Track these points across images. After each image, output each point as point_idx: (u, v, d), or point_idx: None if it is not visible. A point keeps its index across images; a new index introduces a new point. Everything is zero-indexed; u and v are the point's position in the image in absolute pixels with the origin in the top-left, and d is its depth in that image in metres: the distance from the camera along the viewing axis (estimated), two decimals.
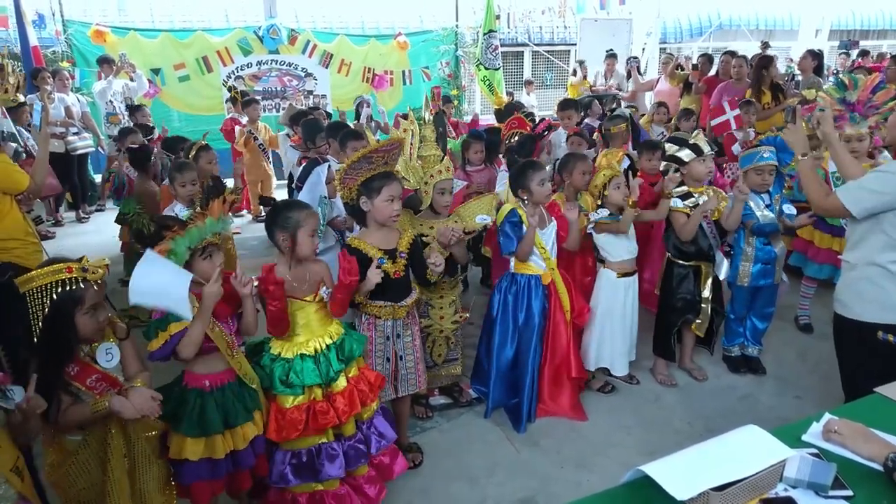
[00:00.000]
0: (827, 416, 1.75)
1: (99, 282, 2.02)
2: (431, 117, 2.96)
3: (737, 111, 5.39)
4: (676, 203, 3.36)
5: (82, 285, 1.96)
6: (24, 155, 5.45)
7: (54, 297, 1.92)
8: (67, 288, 1.94)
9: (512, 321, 3.26)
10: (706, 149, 3.34)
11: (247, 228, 7.06)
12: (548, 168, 3.96)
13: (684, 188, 3.39)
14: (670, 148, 3.42)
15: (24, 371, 1.88)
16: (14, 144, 5.14)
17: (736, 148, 5.11)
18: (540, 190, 3.14)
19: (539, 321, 3.23)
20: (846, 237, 2.66)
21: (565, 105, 5.73)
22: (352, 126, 5.33)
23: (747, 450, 1.55)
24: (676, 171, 3.44)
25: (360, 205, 2.69)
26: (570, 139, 4.93)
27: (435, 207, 3.07)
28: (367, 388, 2.54)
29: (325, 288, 2.52)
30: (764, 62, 6.38)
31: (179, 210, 3.62)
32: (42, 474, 2.09)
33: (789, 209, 3.59)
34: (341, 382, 2.47)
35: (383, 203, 2.61)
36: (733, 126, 5.40)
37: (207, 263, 2.25)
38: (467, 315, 3.31)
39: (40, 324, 1.92)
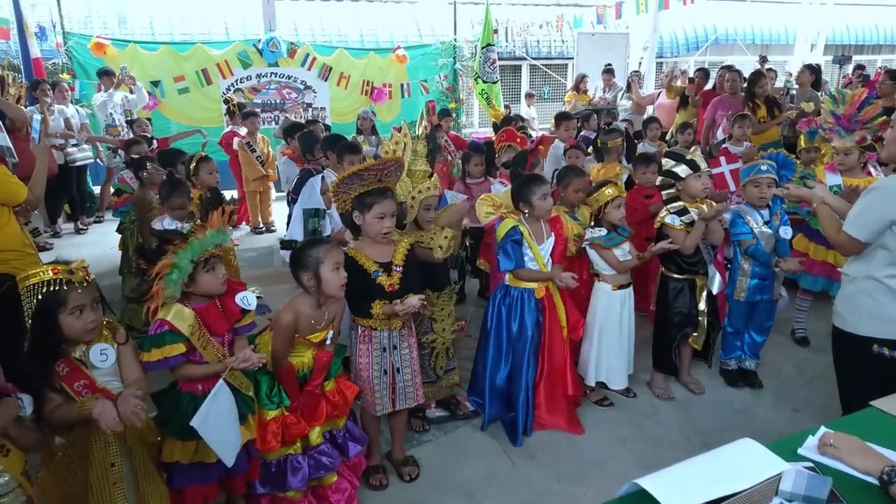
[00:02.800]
0: (823, 430, 1.75)
1: (85, 283, 2.02)
2: (425, 133, 2.97)
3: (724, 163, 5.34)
4: (674, 220, 3.37)
5: (66, 287, 1.97)
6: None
7: (39, 297, 1.94)
8: (51, 289, 1.95)
9: (505, 333, 3.26)
10: (703, 165, 3.36)
11: (245, 240, 7.06)
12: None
13: (680, 203, 3.40)
14: (667, 163, 3.44)
15: (24, 377, 1.90)
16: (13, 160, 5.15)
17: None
18: (541, 204, 3.15)
19: (532, 334, 3.21)
20: None
21: (562, 117, 5.76)
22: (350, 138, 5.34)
23: (743, 463, 1.55)
24: (672, 185, 3.45)
25: (353, 218, 2.70)
26: (569, 152, 4.95)
27: (419, 222, 3.07)
28: (340, 401, 2.57)
29: (330, 332, 2.53)
30: (753, 79, 6.44)
31: (167, 223, 3.62)
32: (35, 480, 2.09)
33: (786, 232, 3.57)
34: None
35: (373, 219, 2.62)
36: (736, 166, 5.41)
37: (210, 276, 2.27)
38: (463, 323, 3.31)
39: (30, 320, 1.95)
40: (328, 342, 2.54)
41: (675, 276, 3.51)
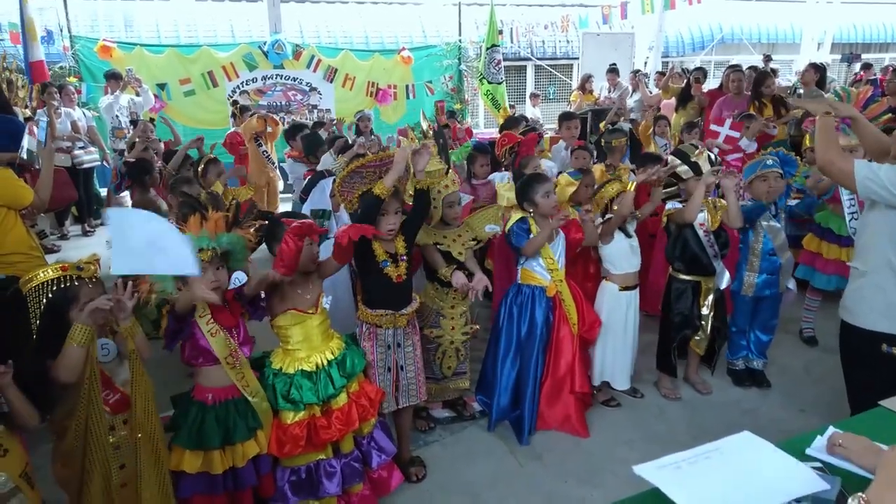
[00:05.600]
0: (831, 430, 1.73)
1: (94, 279, 2.04)
2: (431, 131, 2.97)
3: (727, 123, 5.36)
4: (674, 205, 3.37)
5: (76, 283, 1.98)
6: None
7: (49, 294, 1.96)
8: (62, 286, 1.97)
9: (516, 332, 3.26)
10: (706, 169, 3.34)
11: None
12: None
13: (680, 199, 3.40)
14: (672, 161, 3.43)
15: (29, 383, 1.90)
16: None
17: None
18: (545, 202, 3.15)
19: (542, 332, 3.22)
20: (855, 245, 2.64)
21: (566, 117, 5.74)
22: (350, 140, 5.34)
23: (767, 474, 1.50)
24: (674, 184, 3.44)
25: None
26: (575, 153, 4.94)
27: (445, 219, 3.08)
28: (367, 402, 2.53)
29: (325, 298, 2.52)
30: (760, 78, 6.40)
31: None
32: (50, 469, 2.14)
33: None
34: (342, 398, 2.46)
35: (377, 216, 2.62)
36: (735, 135, 5.40)
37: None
38: (478, 327, 3.29)
39: (38, 320, 1.96)
40: (326, 308, 2.54)
41: (682, 276, 3.50)
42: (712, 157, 3.41)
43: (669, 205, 3.38)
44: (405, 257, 2.72)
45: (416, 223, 2.80)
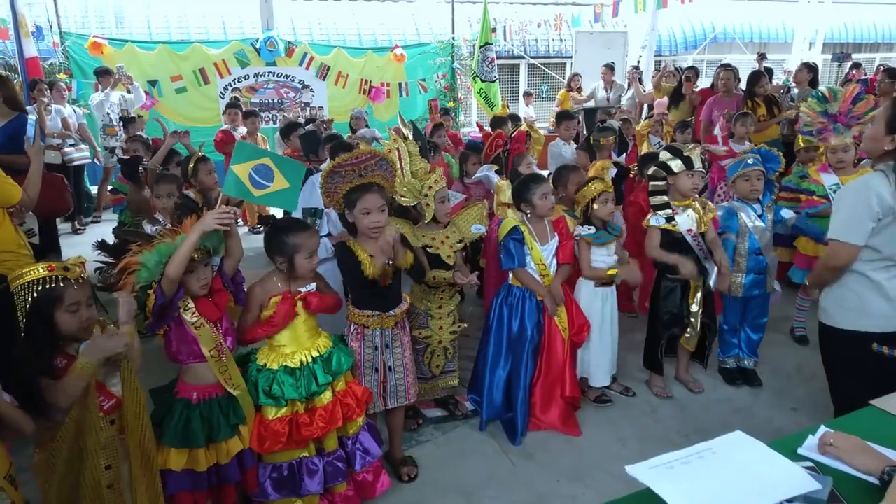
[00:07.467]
0: (823, 429, 1.74)
1: (80, 280, 2.02)
2: (411, 130, 2.98)
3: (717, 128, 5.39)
4: (658, 221, 3.34)
5: (62, 284, 1.97)
6: None
7: (35, 294, 1.94)
8: (47, 286, 1.95)
9: (506, 333, 3.25)
10: (697, 164, 3.33)
11: (243, 240, 7.01)
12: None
13: (664, 198, 3.38)
14: (664, 155, 3.42)
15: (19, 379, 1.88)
16: None
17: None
18: (542, 203, 3.14)
19: (532, 334, 3.20)
20: None
21: (563, 116, 5.75)
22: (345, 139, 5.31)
23: (759, 474, 1.50)
24: (664, 179, 3.43)
25: (346, 216, 2.71)
26: (578, 152, 4.95)
27: (437, 217, 3.07)
28: (353, 402, 2.52)
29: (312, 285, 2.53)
30: (753, 79, 6.41)
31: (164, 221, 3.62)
32: (29, 473, 2.10)
33: (787, 213, 3.62)
34: (326, 396, 2.45)
35: (359, 215, 2.62)
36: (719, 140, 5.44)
37: (188, 277, 2.22)
38: (465, 325, 3.29)
39: (23, 319, 1.94)
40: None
41: (669, 275, 3.49)
42: (703, 158, 3.42)
43: (653, 220, 3.36)
44: (390, 261, 2.69)
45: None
